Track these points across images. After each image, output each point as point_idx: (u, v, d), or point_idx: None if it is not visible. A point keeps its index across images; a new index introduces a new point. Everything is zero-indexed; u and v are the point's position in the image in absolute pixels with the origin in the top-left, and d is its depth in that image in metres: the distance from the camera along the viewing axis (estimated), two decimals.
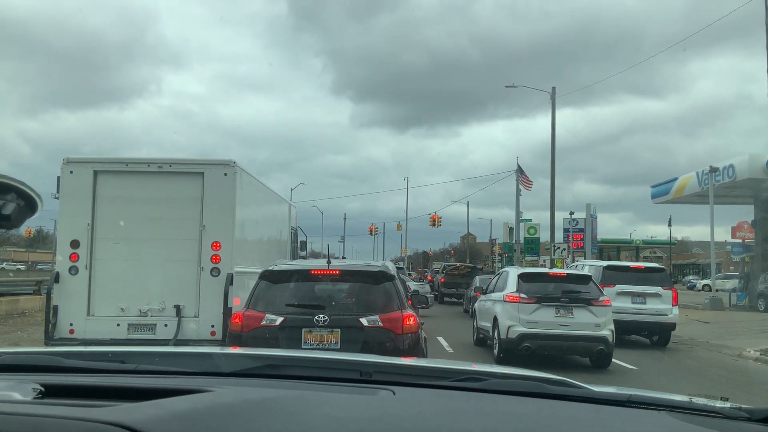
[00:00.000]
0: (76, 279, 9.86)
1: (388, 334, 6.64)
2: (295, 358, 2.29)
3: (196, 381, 1.76)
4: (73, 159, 10.09)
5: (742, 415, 1.57)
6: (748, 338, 17.14)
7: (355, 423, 1.38)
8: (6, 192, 1.46)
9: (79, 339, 9.66)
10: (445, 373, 1.97)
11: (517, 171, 39.20)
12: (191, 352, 2.50)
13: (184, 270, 9.95)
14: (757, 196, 29.25)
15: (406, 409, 1.54)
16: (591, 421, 1.56)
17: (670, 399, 1.71)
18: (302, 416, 1.37)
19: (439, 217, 58.53)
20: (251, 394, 1.52)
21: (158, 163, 10.19)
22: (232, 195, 10.08)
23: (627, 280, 16.39)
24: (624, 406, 1.67)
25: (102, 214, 10.03)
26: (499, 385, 1.81)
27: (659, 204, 37.28)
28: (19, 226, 1.56)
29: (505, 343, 12.02)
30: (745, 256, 32.98)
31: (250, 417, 1.34)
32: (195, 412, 1.33)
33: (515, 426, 1.47)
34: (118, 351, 2.27)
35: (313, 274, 7.27)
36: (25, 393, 1.43)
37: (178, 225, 10.05)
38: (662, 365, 13.20)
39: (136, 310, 9.87)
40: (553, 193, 33.79)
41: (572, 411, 1.63)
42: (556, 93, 33.49)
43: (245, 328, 6.71)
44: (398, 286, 7.19)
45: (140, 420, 1.19)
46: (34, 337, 14.35)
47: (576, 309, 11.91)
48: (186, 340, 9.65)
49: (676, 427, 1.52)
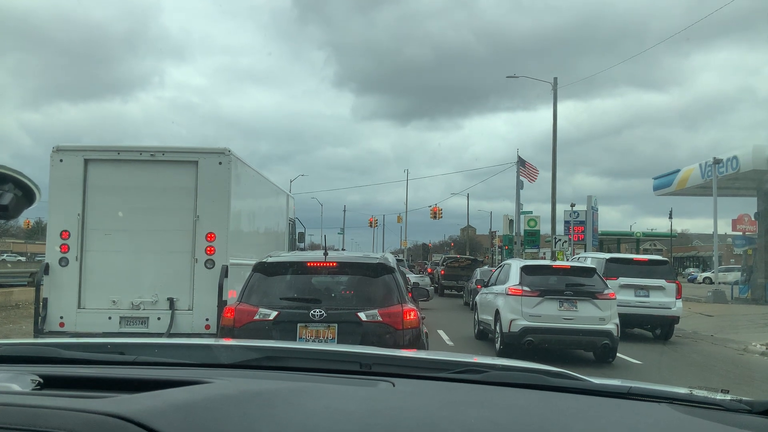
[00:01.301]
0: (67, 271, 9.60)
1: (388, 329, 6.35)
2: (295, 349, 2.32)
3: (195, 372, 1.75)
4: (63, 147, 9.80)
5: (742, 407, 1.57)
6: (753, 332, 16.90)
7: (355, 414, 1.38)
8: (4, 182, 1.46)
9: (69, 332, 9.41)
10: (444, 364, 1.99)
11: (518, 163, 38.88)
12: (190, 344, 2.47)
13: (177, 262, 9.69)
14: (760, 188, 28.99)
15: (405, 401, 1.54)
16: (591, 412, 1.56)
17: (671, 391, 1.71)
18: (302, 407, 1.38)
19: (439, 210, 58.19)
20: (250, 386, 1.53)
21: (151, 151, 9.91)
22: (227, 184, 9.81)
23: (630, 272, 16.16)
24: (624, 398, 1.67)
25: (93, 204, 9.76)
26: (499, 377, 1.80)
27: (661, 196, 36.99)
28: (17, 216, 1.58)
29: (507, 337, 11.77)
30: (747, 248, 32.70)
31: (249, 408, 1.33)
32: (194, 403, 1.33)
33: (515, 418, 1.47)
34: (117, 342, 2.25)
35: (310, 267, 6.98)
36: (23, 384, 1.44)
37: (171, 215, 9.78)
38: (667, 360, 12.97)
39: (128, 302, 9.61)
40: (554, 185, 33.55)
41: (572, 403, 1.62)
42: (558, 84, 33.21)
43: (237, 322, 6.42)
44: (398, 278, 6.89)
45: (139, 411, 1.19)
46: (25, 329, 14.10)
47: (580, 302, 11.66)
48: (179, 333, 9.41)
49: (677, 419, 1.52)
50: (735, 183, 29.58)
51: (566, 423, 1.47)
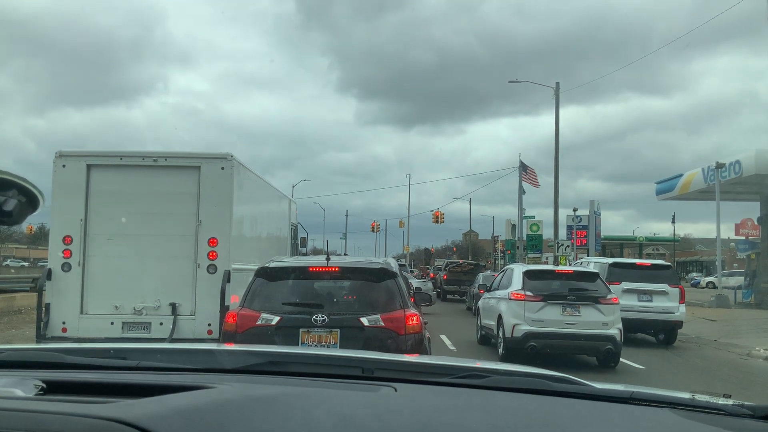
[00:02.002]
0: (69, 276, 9.60)
1: (390, 334, 6.33)
2: (297, 354, 2.33)
3: (198, 377, 1.74)
4: (66, 152, 9.81)
5: (744, 412, 1.56)
6: (757, 336, 16.85)
7: (357, 419, 1.38)
8: (7, 188, 1.46)
9: (72, 338, 9.41)
10: (446, 369, 1.98)
11: (520, 168, 38.84)
12: (193, 349, 2.47)
13: (179, 267, 9.68)
14: (763, 192, 28.94)
15: (407, 406, 1.54)
16: (593, 418, 1.55)
17: (673, 396, 1.70)
18: (304, 412, 1.38)
19: (442, 214, 58.19)
20: (253, 391, 1.53)
21: (153, 156, 9.92)
22: (230, 190, 9.81)
23: (633, 277, 16.11)
24: (626, 403, 1.66)
25: (95, 209, 9.76)
26: (501, 381, 1.80)
27: (664, 200, 36.93)
28: (20, 222, 1.59)
29: (509, 342, 11.74)
30: (750, 253, 32.57)
31: (252, 413, 1.34)
32: (197, 408, 1.33)
33: (517, 423, 1.47)
34: (120, 348, 2.26)
35: (312, 272, 6.96)
36: (26, 389, 1.43)
37: (173, 220, 9.78)
38: (671, 365, 12.92)
39: (130, 308, 9.60)
40: (556, 189, 33.54)
41: (574, 408, 1.62)
42: (561, 89, 33.22)
43: (240, 327, 6.41)
44: (401, 283, 6.87)
45: (142, 416, 1.19)
46: (27, 335, 14.09)
47: (583, 307, 11.63)
48: (182, 338, 9.39)
49: (679, 424, 1.51)
50: (738, 187, 29.51)
51: (569, 428, 1.47)
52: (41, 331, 9.51)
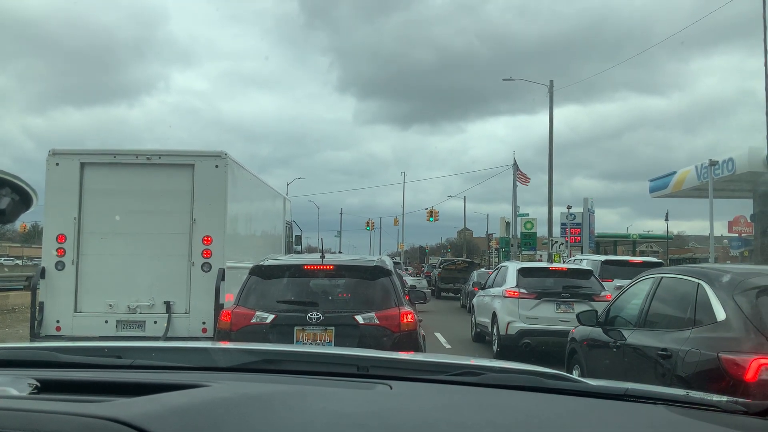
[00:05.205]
0: (63, 274, 9.58)
1: (385, 331, 6.35)
2: (292, 352, 2.33)
3: (193, 376, 1.74)
4: (59, 150, 9.78)
5: (738, 409, 1.57)
6: None
7: (353, 417, 1.38)
8: (1, 186, 1.46)
9: (66, 336, 9.38)
10: (442, 367, 1.99)
11: (514, 166, 38.92)
12: (188, 347, 2.46)
13: (174, 265, 9.67)
14: (756, 189, 29.04)
15: (403, 403, 1.54)
16: (588, 414, 1.56)
17: (667, 392, 1.72)
18: (299, 410, 1.39)
19: (436, 212, 58.14)
20: (248, 389, 1.52)
21: (147, 154, 9.89)
22: (224, 188, 9.80)
23: (625, 274, 16.08)
24: (621, 399, 1.66)
25: (89, 207, 9.74)
26: (496, 379, 1.80)
27: (657, 198, 37.02)
28: (14, 220, 1.58)
29: (504, 340, 11.78)
30: (744, 250, 32.75)
31: (247, 411, 1.33)
32: (192, 406, 1.32)
33: (512, 420, 1.47)
34: (115, 346, 2.27)
35: (306, 270, 6.96)
36: (20, 388, 1.43)
37: (167, 219, 9.76)
38: None
39: (124, 306, 9.58)
40: (551, 187, 33.58)
41: (569, 405, 1.62)
42: (555, 87, 33.25)
43: (234, 326, 6.40)
44: (395, 281, 6.89)
45: (137, 415, 1.19)
46: (21, 333, 14.05)
47: (577, 304, 11.65)
48: (176, 337, 9.38)
49: (673, 420, 1.52)
50: (731, 185, 29.62)
51: (563, 425, 1.47)
52: (35, 330, 9.48)
